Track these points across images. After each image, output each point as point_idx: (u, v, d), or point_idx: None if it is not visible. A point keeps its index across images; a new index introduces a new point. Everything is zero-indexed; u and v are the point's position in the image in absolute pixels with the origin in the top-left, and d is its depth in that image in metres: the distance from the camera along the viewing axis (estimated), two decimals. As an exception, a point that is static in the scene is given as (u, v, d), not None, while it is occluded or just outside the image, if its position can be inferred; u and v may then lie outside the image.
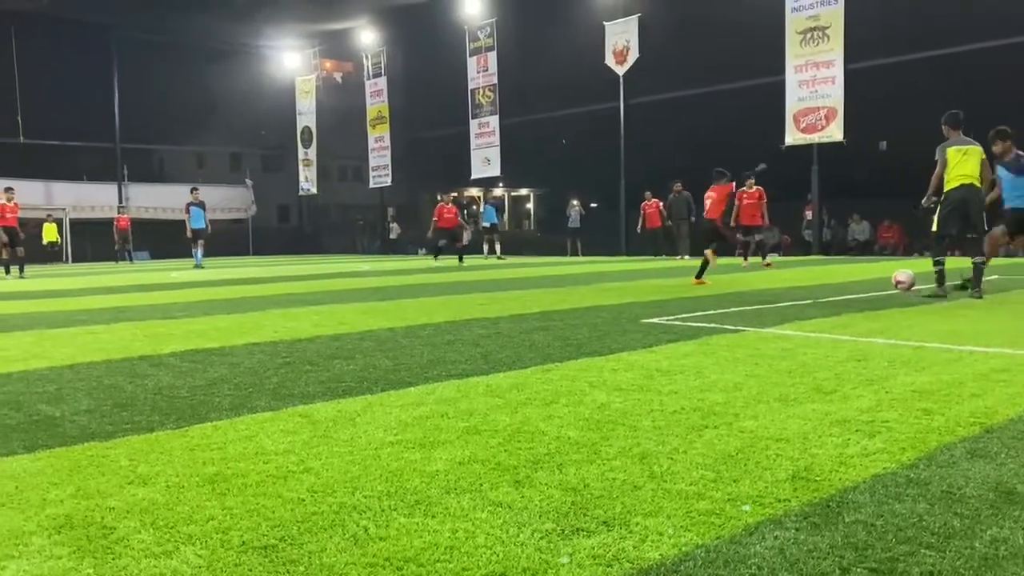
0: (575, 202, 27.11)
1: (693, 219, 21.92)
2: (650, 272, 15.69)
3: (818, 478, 2.77)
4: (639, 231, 23.83)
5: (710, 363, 5.06)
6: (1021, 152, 9.48)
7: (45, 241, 31.37)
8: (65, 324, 8.19)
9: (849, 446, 3.16)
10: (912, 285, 9.45)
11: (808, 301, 8.94)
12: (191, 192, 23.77)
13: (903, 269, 9.98)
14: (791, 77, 22.15)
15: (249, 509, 2.58)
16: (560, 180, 32.35)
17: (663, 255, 22.86)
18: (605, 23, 26.40)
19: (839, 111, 21.28)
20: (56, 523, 2.49)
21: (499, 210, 31.06)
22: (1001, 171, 9.50)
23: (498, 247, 26.01)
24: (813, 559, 2.11)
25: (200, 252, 23.22)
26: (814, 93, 21.77)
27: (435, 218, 21.39)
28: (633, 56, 25.80)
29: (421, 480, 2.84)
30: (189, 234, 23.13)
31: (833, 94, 21.39)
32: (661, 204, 22.96)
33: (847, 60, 21.12)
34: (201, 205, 23.19)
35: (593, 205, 30.92)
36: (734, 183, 12.68)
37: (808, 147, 22.03)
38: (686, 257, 21.63)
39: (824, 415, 3.66)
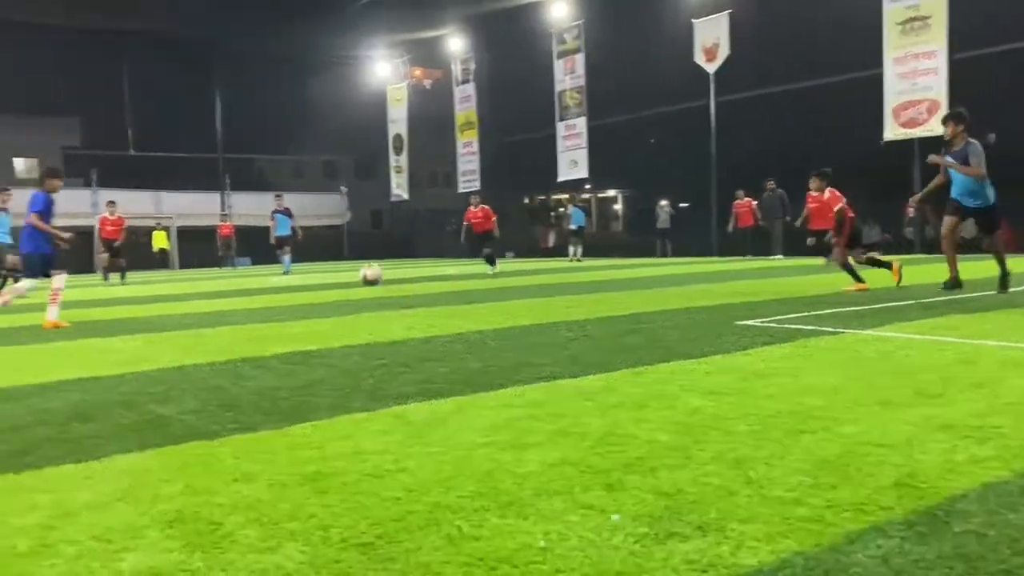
0: (664, 202, 26.73)
1: (788, 218, 21.35)
2: (743, 273, 15.36)
3: (923, 485, 2.66)
4: (730, 231, 23.33)
5: (807, 366, 4.92)
6: (973, 140, 8.70)
7: (155, 248, 32.72)
8: (173, 328, 8.59)
9: (957, 452, 3.02)
10: (376, 280, 9.51)
11: (910, 301, 8.60)
12: (275, 199, 23.48)
13: (370, 268, 10.24)
14: (890, 70, 21.30)
15: (348, 507, 2.65)
16: (648, 180, 31.97)
17: (756, 255, 22.34)
18: (694, 20, 25.97)
19: (942, 104, 20.35)
20: (168, 518, 2.61)
21: (587, 213, 30.87)
22: (950, 160, 8.89)
23: (580, 250, 25.74)
24: (920, 570, 2.03)
25: (287, 259, 23.54)
26: (915, 86, 20.88)
27: (465, 222, 20.72)
28: (724, 53, 25.27)
29: (513, 481, 2.86)
30: (273, 241, 23.14)
31: (935, 86, 20.47)
32: (755, 203, 22.44)
33: (951, 50, 20.20)
34: (286, 212, 22.83)
35: (683, 205, 30.44)
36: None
37: (909, 142, 21.15)
38: (780, 257, 21.08)
39: (929, 420, 3.51)
